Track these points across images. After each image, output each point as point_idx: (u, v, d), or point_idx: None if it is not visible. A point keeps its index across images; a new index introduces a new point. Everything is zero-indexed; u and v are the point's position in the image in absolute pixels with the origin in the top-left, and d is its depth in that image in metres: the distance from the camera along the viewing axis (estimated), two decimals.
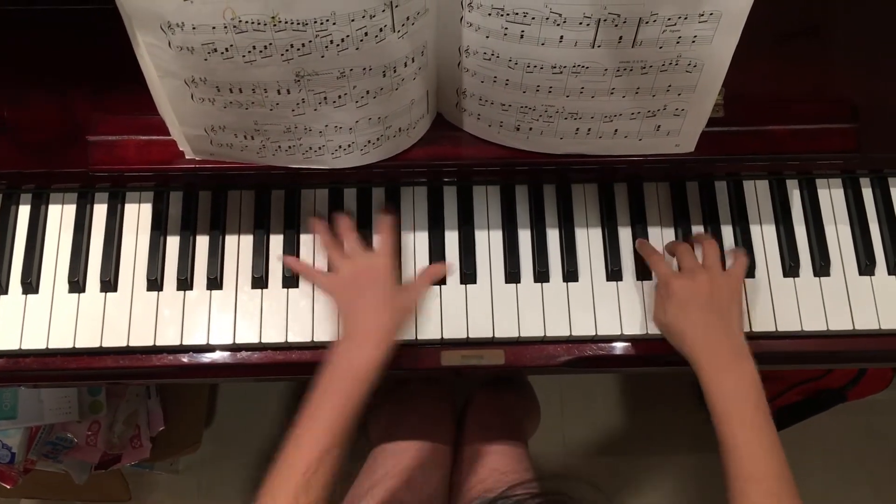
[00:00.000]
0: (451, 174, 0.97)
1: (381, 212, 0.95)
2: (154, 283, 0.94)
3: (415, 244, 0.96)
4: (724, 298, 0.86)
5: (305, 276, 0.94)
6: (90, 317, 0.92)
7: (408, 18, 0.71)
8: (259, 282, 0.94)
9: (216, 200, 0.97)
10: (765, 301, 0.94)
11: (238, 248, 0.95)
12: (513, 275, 0.94)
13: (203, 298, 0.94)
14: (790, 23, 0.91)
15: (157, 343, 0.92)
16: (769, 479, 0.76)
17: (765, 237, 0.97)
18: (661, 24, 0.71)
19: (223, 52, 0.70)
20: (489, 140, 0.88)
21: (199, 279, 0.94)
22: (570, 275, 0.95)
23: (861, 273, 0.95)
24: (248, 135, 0.81)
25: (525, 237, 0.97)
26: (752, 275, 0.95)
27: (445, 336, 0.93)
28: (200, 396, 1.64)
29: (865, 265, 0.95)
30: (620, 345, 0.94)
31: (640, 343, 0.94)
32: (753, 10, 0.70)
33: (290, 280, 0.94)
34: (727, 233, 0.97)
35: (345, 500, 1.05)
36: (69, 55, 0.90)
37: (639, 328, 0.93)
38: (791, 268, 0.95)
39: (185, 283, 0.94)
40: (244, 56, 0.70)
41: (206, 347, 0.93)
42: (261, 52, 0.70)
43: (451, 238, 0.97)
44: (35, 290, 0.93)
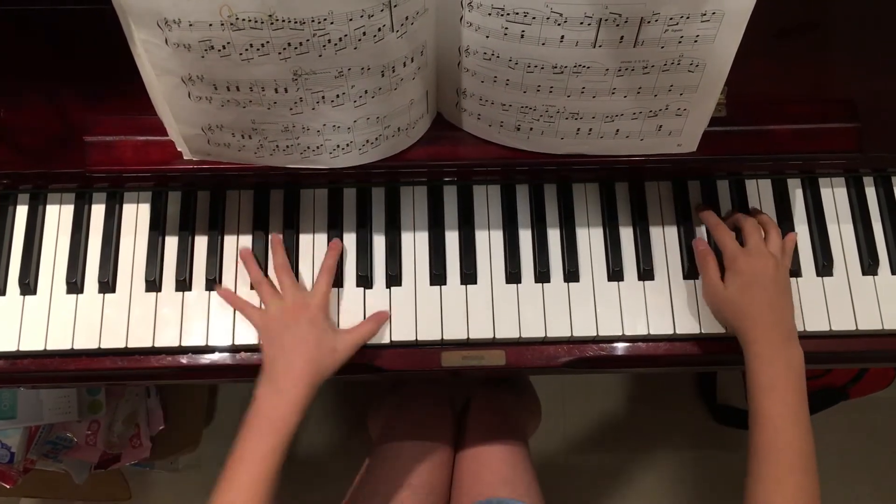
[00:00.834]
0: (451, 174, 0.96)
1: (330, 246, 0.94)
2: (153, 284, 0.93)
3: (415, 244, 0.95)
4: (783, 284, 0.87)
5: (237, 309, 0.92)
6: (88, 318, 0.92)
7: (406, 18, 0.70)
8: None
9: (215, 201, 0.97)
10: None
11: (237, 249, 0.95)
12: (513, 275, 0.94)
13: (202, 299, 0.93)
14: (792, 21, 0.91)
15: (156, 344, 0.91)
16: (791, 453, 0.79)
17: None
18: (663, 24, 0.71)
19: (220, 50, 0.69)
20: (489, 140, 0.87)
21: (198, 280, 0.94)
22: (571, 275, 0.94)
23: (864, 273, 0.95)
24: (246, 134, 0.80)
25: (526, 237, 0.96)
26: None
27: (446, 337, 0.92)
28: (200, 395, 1.64)
29: (868, 265, 0.94)
30: (622, 345, 0.94)
31: (642, 343, 0.93)
32: (755, 9, 0.69)
33: None
34: None
35: (346, 501, 1.05)
36: (66, 55, 0.90)
37: (640, 328, 0.92)
38: (793, 268, 0.94)
39: (184, 284, 0.93)
40: (241, 54, 0.70)
41: (206, 349, 0.92)
42: (258, 51, 0.70)
43: (452, 238, 0.96)
44: (33, 292, 0.93)
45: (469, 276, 0.94)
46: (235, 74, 0.72)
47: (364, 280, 0.94)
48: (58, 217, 0.96)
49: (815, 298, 0.94)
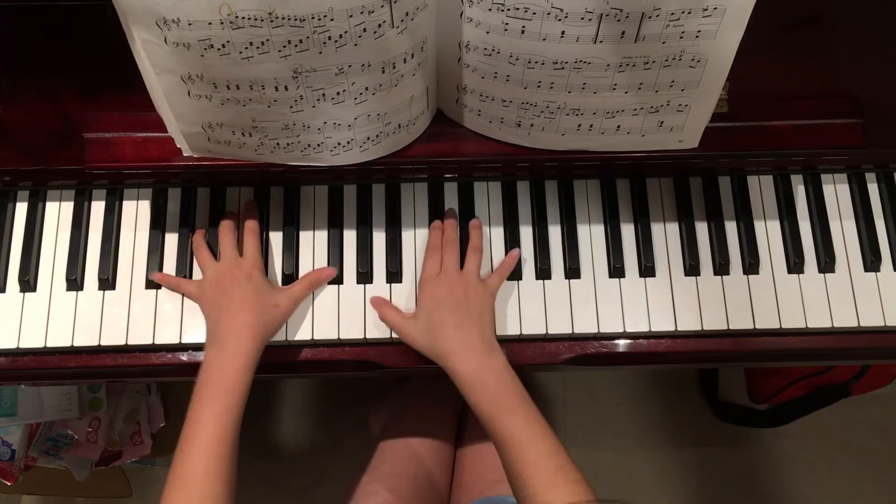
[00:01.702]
0: (452, 170, 0.96)
1: (244, 211, 0.94)
2: (153, 281, 0.93)
3: (415, 241, 0.95)
4: (476, 305, 0.86)
5: (172, 288, 0.92)
6: (88, 315, 0.92)
7: (407, 14, 0.70)
8: None
9: (214, 198, 0.96)
10: (769, 298, 0.93)
11: None
12: (514, 272, 0.94)
13: None
14: (794, 16, 0.90)
15: (157, 341, 0.91)
16: (551, 457, 0.77)
17: (769, 233, 0.96)
18: (665, 19, 0.70)
19: (220, 49, 0.69)
20: (490, 136, 0.87)
21: (198, 277, 0.93)
22: (573, 271, 0.94)
23: (866, 269, 0.94)
24: (246, 132, 0.80)
25: (526, 234, 0.96)
26: (756, 271, 0.94)
27: None
28: None
29: (871, 261, 0.94)
30: (623, 342, 0.93)
31: (643, 340, 0.93)
32: (757, 4, 0.69)
33: (290, 277, 0.93)
34: (731, 229, 0.96)
35: (350, 496, 1.05)
36: (65, 52, 0.90)
37: (642, 325, 0.92)
38: (795, 264, 0.94)
39: (181, 278, 0.93)
40: (241, 52, 0.69)
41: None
42: (258, 49, 0.69)
43: None
44: (33, 289, 0.93)
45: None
46: (235, 73, 0.72)
47: (364, 276, 0.94)
48: (57, 214, 0.95)
49: (818, 295, 0.93)
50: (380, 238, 0.96)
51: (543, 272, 0.94)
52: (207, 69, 0.71)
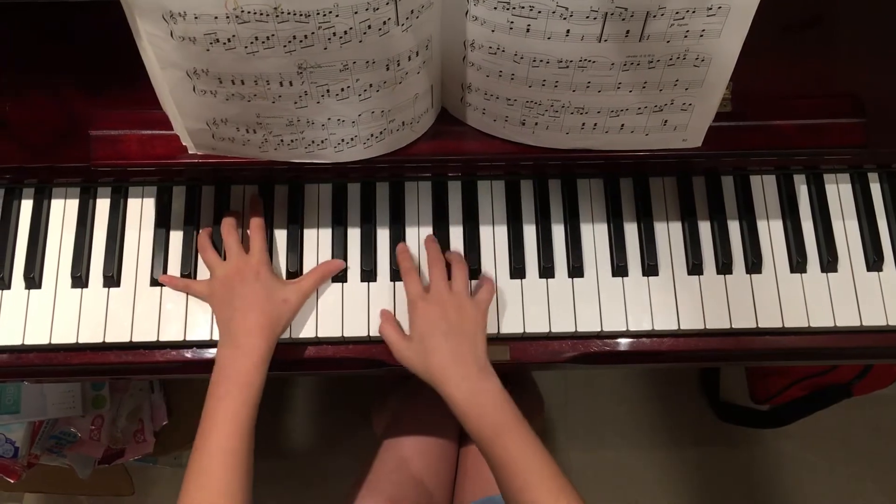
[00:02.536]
0: (456, 169, 0.96)
1: (248, 207, 0.95)
2: (157, 279, 0.93)
3: (419, 240, 0.95)
4: (468, 328, 0.86)
5: (181, 290, 0.93)
6: (93, 312, 0.92)
7: (412, 12, 0.70)
8: None
9: (219, 196, 0.97)
10: (772, 297, 0.93)
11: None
12: (518, 270, 0.94)
13: None
14: (798, 16, 0.90)
15: (161, 338, 0.92)
16: (548, 480, 0.77)
17: (772, 233, 0.96)
18: (669, 18, 0.70)
19: (225, 43, 0.69)
20: (494, 135, 0.87)
21: (203, 275, 0.94)
22: (576, 270, 0.94)
23: (869, 269, 0.95)
24: (251, 128, 0.80)
25: (530, 232, 0.96)
26: (759, 270, 0.94)
27: None
28: (204, 391, 1.64)
29: (873, 261, 0.94)
30: (626, 340, 0.94)
31: (646, 339, 0.93)
32: (761, 4, 0.69)
33: (294, 275, 0.94)
34: (734, 228, 0.96)
35: (354, 495, 1.05)
36: (70, 49, 0.90)
37: (645, 324, 0.92)
38: (798, 263, 0.94)
39: (189, 279, 0.93)
40: (246, 47, 0.70)
41: (210, 343, 0.92)
42: (263, 44, 0.69)
43: (456, 233, 0.96)
44: (38, 285, 0.93)
45: (473, 272, 0.94)
46: (240, 68, 0.72)
47: (368, 274, 0.94)
48: (62, 211, 0.96)
49: (820, 294, 0.94)
50: (384, 236, 0.96)
51: (547, 271, 0.94)
52: (213, 64, 0.72)
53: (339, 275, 0.94)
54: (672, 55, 0.74)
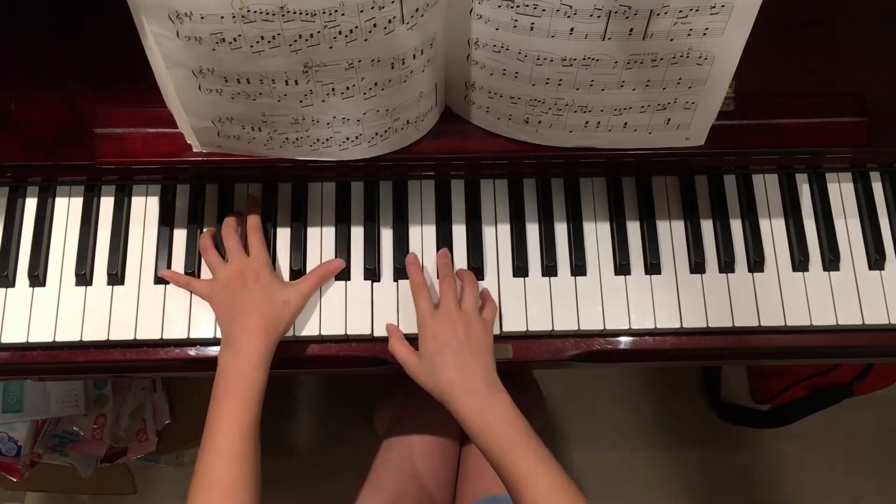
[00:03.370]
0: (459, 167, 0.96)
1: (246, 208, 0.95)
2: (161, 277, 0.93)
3: (422, 238, 0.96)
4: (477, 345, 0.86)
5: (183, 287, 0.93)
6: (97, 310, 0.92)
7: (417, 10, 0.71)
8: None
9: (223, 194, 0.97)
10: (774, 295, 0.93)
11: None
12: (520, 269, 0.94)
13: None
14: (800, 15, 0.91)
15: (165, 336, 0.92)
16: (564, 491, 0.77)
17: (774, 231, 0.96)
18: (673, 17, 0.71)
19: (231, 42, 0.70)
20: (498, 133, 0.88)
21: (206, 273, 0.94)
22: (579, 269, 0.94)
23: (871, 268, 0.95)
24: (256, 126, 0.81)
25: (533, 231, 0.96)
26: (762, 269, 0.94)
27: None
28: (206, 390, 1.64)
29: (875, 260, 0.94)
30: (629, 339, 0.94)
31: (648, 337, 0.94)
32: (764, 2, 0.69)
33: (297, 273, 0.94)
34: (736, 227, 0.96)
35: (354, 495, 1.05)
36: (75, 47, 0.90)
37: (647, 322, 0.92)
38: (800, 262, 0.94)
39: (191, 276, 0.93)
40: (252, 46, 0.70)
41: (214, 341, 0.92)
42: (269, 43, 0.70)
43: (459, 232, 0.96)
44: (42, 283, 0.93)
45: (476, 270, 0.94)
46: (246, 67, 0.73)
47: (371, 273, 0.94)
48: (67, 209, 0.96)
49: (822, 293, 0.94)
50: (387, 235, 0.96)
51: (550, 269, 0.94)
52: (218, 63, 0.72)
53: (343, 273, 0.94)
54: (675, 53, 0.75)
